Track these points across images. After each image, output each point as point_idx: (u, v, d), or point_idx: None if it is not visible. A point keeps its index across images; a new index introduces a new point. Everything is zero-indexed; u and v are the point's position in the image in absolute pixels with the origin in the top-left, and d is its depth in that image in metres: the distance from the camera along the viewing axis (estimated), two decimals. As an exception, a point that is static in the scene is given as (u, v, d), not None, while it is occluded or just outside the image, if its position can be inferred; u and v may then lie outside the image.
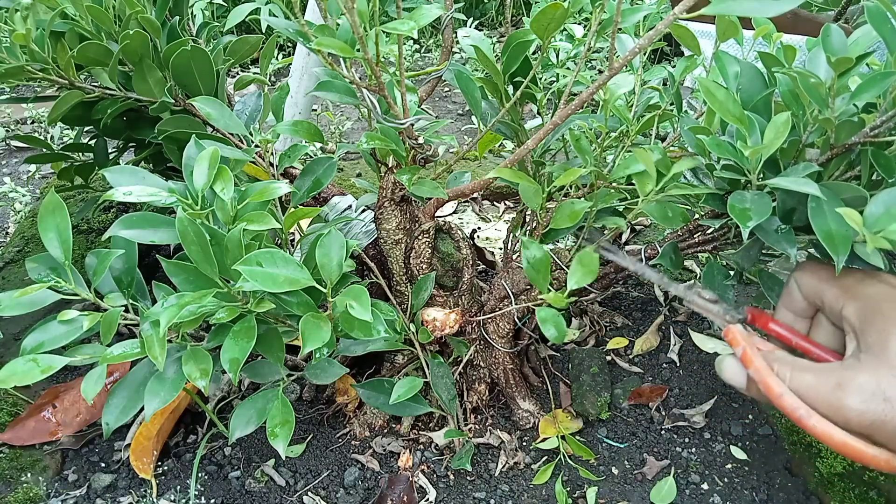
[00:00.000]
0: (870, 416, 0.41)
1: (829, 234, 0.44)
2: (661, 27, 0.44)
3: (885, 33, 0.45)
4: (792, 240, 0.48)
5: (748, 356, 0.49)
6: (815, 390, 0.44)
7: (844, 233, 0.44)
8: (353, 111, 1.96)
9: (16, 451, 0.79)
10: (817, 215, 0.45)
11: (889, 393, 0.41)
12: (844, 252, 0.43)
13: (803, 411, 0.45)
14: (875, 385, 0.41)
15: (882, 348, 0.42)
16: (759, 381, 0.48)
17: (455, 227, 0.79)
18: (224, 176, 0.58)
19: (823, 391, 0.43)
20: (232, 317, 0.56)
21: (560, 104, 0.60)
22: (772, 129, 0.45)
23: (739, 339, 0.51)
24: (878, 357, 0.42)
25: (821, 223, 0.45)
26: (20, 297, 0.56)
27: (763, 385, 0.47)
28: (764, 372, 0.47)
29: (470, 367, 0.84)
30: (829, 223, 0.44)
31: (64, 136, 1.77)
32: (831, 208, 0.44)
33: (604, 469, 0.79)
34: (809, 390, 0.44)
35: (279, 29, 0.61)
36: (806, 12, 1.35)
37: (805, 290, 0.50)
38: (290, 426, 0.64)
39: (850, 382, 0.42)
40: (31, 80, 0.68)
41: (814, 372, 0.45)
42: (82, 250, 1.10)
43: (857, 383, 0.42)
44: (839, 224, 0.44)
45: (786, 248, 0.48)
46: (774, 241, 0.49)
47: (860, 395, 0.42)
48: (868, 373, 0.42)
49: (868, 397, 0.41)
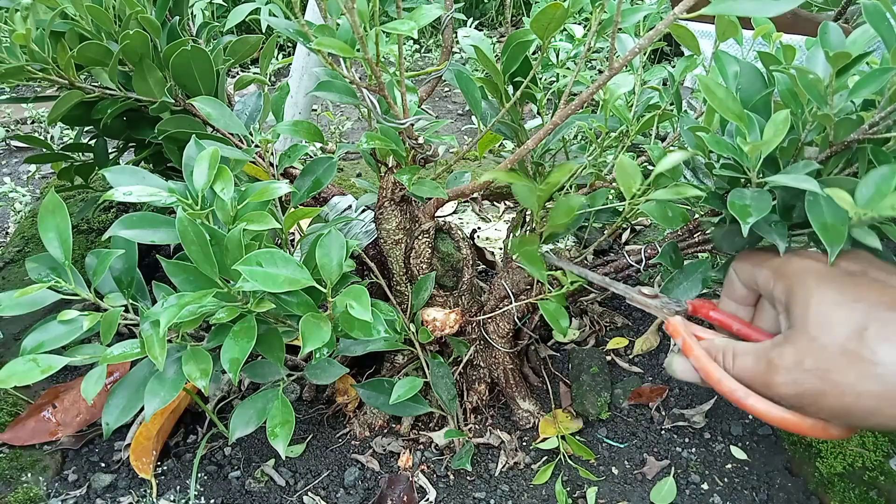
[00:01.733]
0: (796, 388, 0.42)
1: (825, 226, 0.45)
2: (661, 27, 0.44)
3: (883, 31, 0.45)
4: (783, 233, 0.49)
5: (688, 345, 0.51)
6: (752, 372, 0.45)
7: (839, 226, 0.44)
8: (353, 111, 1.96)
9: (16, 451, 0.79)
10: (813, 208, 0.46)
11: (809, 363, 0.41)
12: (839, 244, 0.44)
13: (741, 392, 0.47)
14: (797, 356, 0.42)
15: (803, 320, 0.42)
16: (699, 369, 0.49)
17: (455, 227, 0.79)
18: (224, 176, 0.58)
19: (758, 372, 0.45)
20: (232, 317, 0.56)
21: (560, 104, 0.60)
22: (771, 127, 0.45)
23: (679, 330, 0.53)
24: (800, 329, 0.43)
25: (817, 216, 0.45)
26: (20, 297, 0.56)
27: (703, 372, 0.49)
28: (703, 359, 0.49)
29: (470, 367, 0.84)
30: (825, 216, 0.45)
31: (64, 136, 1.78)
32: (828, 202, 0.45)
33: (604, 469, 0.79)
34: (747, 373, 0.46)
35: (279, 29, 0.61)
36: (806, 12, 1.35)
37: (742, 276, 0.51)
38: (290, 426, 0.64)
39: (777, 359, 0.43)
40: (31, 80, 0.68)
41: (751, 354, 0.46)
42: (82, 250, 1.10)
43: (782, 359, 0.43)
44: (835, 217, 0.45)
45: (776, 239, 0.48)
46: (766, 233, 0.49)
47: (785, 369, 0.43)
48: (791, 345, 0.43)
49: (792, 370, 0.42)
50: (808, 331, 0.42)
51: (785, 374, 0.43)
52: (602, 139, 0.69)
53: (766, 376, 0.44)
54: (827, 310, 0.41)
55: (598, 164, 0.70)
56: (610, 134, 0.68)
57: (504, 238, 0.93)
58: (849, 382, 0.40)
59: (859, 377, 0.39)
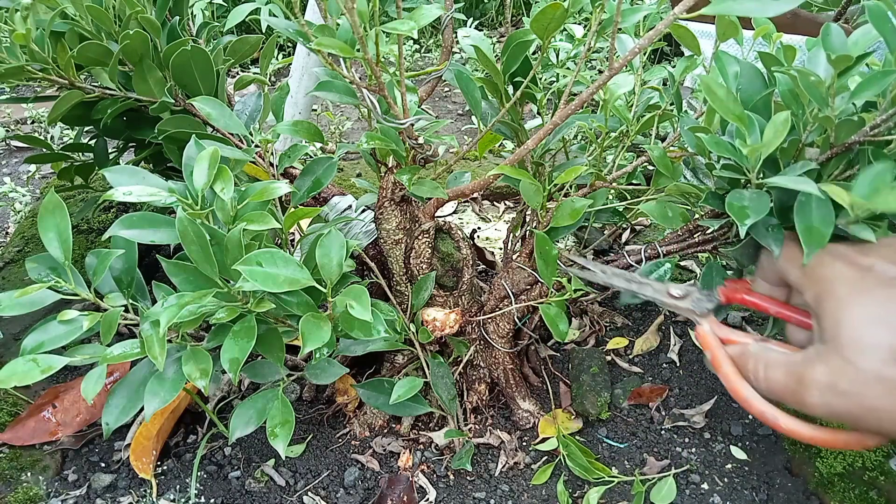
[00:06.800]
0: (829, 410, 0.41)
1: (809, 228, 0.45)
2: (661, 27, 0.44)
3: (886, 32, 0.45)
4: (779, 237, 0.49)
5: (717, 361, 0.50)
6: (784, 386, 0.43)
7: (823, 229, 0.44)
8: (353, 111, 1.96)
9: (16, 451, 0.79)
10: (803, 209, 0.46)
11: (843, 386, 0.39)
12: (818, 246, 0.44)
13: (770, 415, 0.46)
14: (829, 378, 0.40)
15: (834, 336, 0.40)
16: (728, 388, 0.48)
17: (455, 227, 0.79)
18: (224, 176, 0.58)
19: (790, 387, 0.43)
20: (232, 317, 0.56)
21: (560, 104, 0.60)
22: (771, 128, 0.45)
23: (708, 342, 0.51)
24: (831, 346, 0.41)
25: (804, 217, 0.45)
26: (20, 297, 0.56)
27: (732, 391, 0.48)
28: (731, 377, 0.48)
29: (470, 367, 0.84)
30: (812, 218, 0.45)
31: (64, 136, 1.77)
32: (819, 203, 0.45)
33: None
34: (779, 385, 0.44)
35: (279, 29, 0.61)
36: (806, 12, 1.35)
37: (773, 268, 0.50)
38: (290, 426, 0.64)
39: (808, 378, 0.41)
40: (31, 80, 0.68)
41: (783, 367, 0.44)
42: (82, 250, 1.10)
43: (814, 378, 0.41)
44: (822, 220, 0.45)
45: (770, 244, 0.48)
46: (762, 237, 0.49)
47: (818, 391, 0.41)
48: (822, 365, 0.41)
49: (824, 392, 0.40)
50: (842, 352, 0.39)
51: (818, 395, 0.40)
52: (602, 139, 0.69)
53: (797, 394, 0.42)
54: (860, 331, 0.39)
55: (598, 164, 0.70)
56: (610, 134, 0.68)
57: (504, 238, 0.93)
58: (886, 409, 0.38)
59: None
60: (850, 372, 0.39)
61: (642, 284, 0.60)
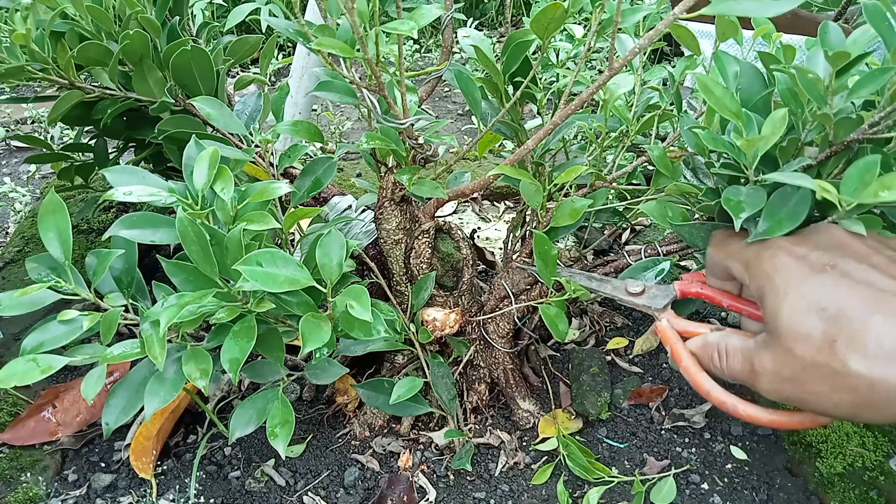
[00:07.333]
0: (778, 395, 0.43)
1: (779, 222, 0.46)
2: (661, 27, 0.44)
3: (883, 31, 0.45)
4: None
5: (677, 354, 0.51)
6: (740, 372, 0.46)
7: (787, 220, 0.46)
8: (353, 111, 1.96)
9: (16, 451, 0.79)
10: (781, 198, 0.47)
11: (786, 373, 0.42)
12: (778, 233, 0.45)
13: (730, 405, 0.47)
14: (774, 366, 0.42)
15: (775, 326, 0.42)
16: (689, 380, 0.50)
17: (455, 227, 0.79)
18: (224, 176, 0.58)
19: (745, 373, 0.45)
20: (232, 317, 0.56)
21: (560, 104, 0.60)
22: (769, 125, 0.45)
23: (668, 336, 0.53)
24: (773, 335, 0.43)
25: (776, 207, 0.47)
26: (20, 297, 0.56)
27: (693, 383, 0.50)
28: (691, 370, 0.50)
29: (470, 367, 0.84)
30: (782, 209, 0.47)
31: (64, 136, 1.77)
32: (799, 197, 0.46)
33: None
34: (737, 373, 0.46)
35: (279, 29, 0.61)
36: (806, 12, 1.35)
37: (719, 264, 0.51)
38: (290, 426, 0.64)
39: (758, 365, 0.44)
40: (31, 80, 0.68)
41: (739, 354, 0.46)
42: (82, 250, 1.10)
43: (763, 366, 0.43)
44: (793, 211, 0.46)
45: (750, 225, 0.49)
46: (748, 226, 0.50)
47: (766, 377, 0.43)
48: (768, 353, 0.43)
49: (772, 378, 0.43)
50: (781, 342, 0.42)
51: (766, 381, 0.43)
52: (602, 139, 0.69)
53: (751, 380, 0.45)
54: (795, 319, 0.41)
55: (598, 164, 0.70)
56: (610, 134, 0.68)
57: (504, 238, 0.93)
58: (824, 392, 0.40)
59: (833, 388, 0.40)
60: (790, 360, 0.41)
61: (602, 282, 0.62)
